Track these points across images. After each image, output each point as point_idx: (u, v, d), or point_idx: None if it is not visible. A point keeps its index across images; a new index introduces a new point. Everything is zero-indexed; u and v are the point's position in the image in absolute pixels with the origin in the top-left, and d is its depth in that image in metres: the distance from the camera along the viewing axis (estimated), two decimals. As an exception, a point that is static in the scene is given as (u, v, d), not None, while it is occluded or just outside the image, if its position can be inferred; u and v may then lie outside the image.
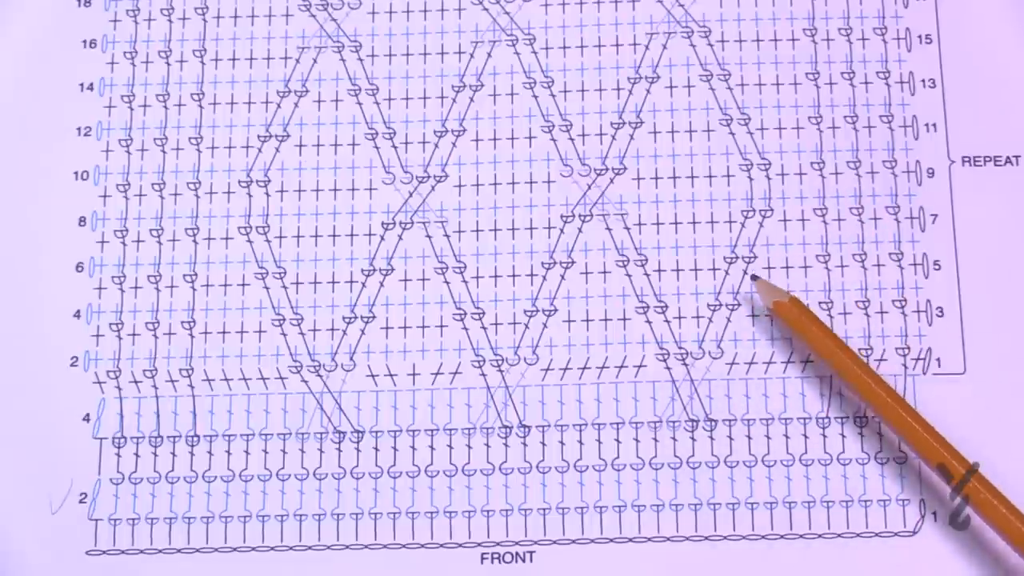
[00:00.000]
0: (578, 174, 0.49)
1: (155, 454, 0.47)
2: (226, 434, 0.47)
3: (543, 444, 0.47)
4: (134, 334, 0.48)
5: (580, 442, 0.47)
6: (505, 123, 0.49)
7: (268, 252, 0.49)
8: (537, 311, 0.48)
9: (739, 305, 0.48)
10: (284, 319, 0.48)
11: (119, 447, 0.47)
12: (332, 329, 0.48)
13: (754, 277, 0.47)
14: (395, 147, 0.49)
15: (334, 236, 0.49)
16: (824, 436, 0.47)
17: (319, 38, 0.50)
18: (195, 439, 0.47)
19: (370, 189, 0.49)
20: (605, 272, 0.48)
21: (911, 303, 0.47)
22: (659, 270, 0.48)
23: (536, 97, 0.50)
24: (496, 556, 0.46)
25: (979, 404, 0.46)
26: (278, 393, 0.48)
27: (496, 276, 0.48)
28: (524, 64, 0.50)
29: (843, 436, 0.47)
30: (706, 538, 0.46)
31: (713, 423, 0.47)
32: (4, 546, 0.46)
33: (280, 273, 0.49)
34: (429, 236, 0.49)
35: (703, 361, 0.47)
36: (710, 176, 0.49)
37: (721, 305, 0.48)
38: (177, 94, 0.50)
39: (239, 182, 0.49)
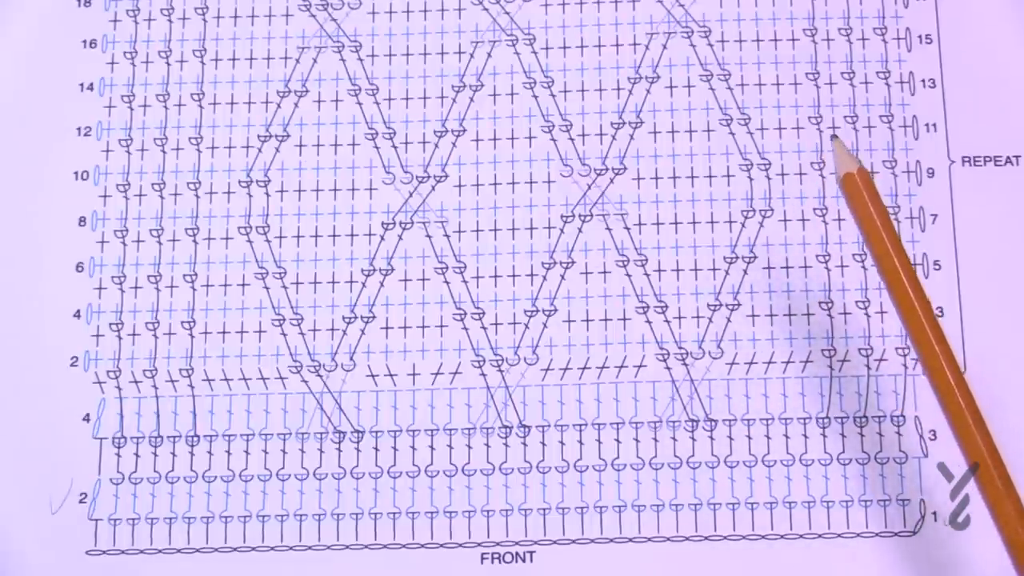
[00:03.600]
0: (578, 174, 0.49)
1: (155, 454, 0.47)
2: (226, 434, 0.47)
3: (543, 444, 0.47)
4: (134, 334, 0.48)
5: (580, 442, 0.47)
6: (505, 123, 0.49)
7: (268, 252, 0.49)
8: (537, 311, 0.48)
9: (739, 305, 0.48)
10: (284, 319, 0.48)
11: (119, 447, 0.47)
12: (332, 329, 0.48)
13: (833, 137, 0.46)
14: (395, 147, 0.49)
15: (334, 236, 0.49)
16: (824, 436, 0.47)
17: (319, 38, 0.50)
18: (195, 439, 0.47)
19: (370, 189, 0.49)
20: (605, 272, 0.48)
21: (911, 303, 0.47)
22: (659, 270, 0.48)
23: (536, 97, 0.50)
24: (496, 556, 0.46)
25: (979, 404, 0.46)
26: (278, 393, 0.48)
27: (496, 276, 0.48)
28: (524, 64, 0.50)
29: (843, 436, 0.47)
30: (706, 538, 0.46)
31: (713, 423, 0.47)
32: (4, 546, 0.46)
33: (280, 273, 0.49)
34: (429, 236, 0.49)
35: (703, 361, 0.47)
36: (710, 176, 0.49)
37: (721, 305, 0.48)
38: (177, 94, 0.50)
39: (239, 182, 0.49)
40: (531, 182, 0.49)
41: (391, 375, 0.48)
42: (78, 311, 0.48)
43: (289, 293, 0.48)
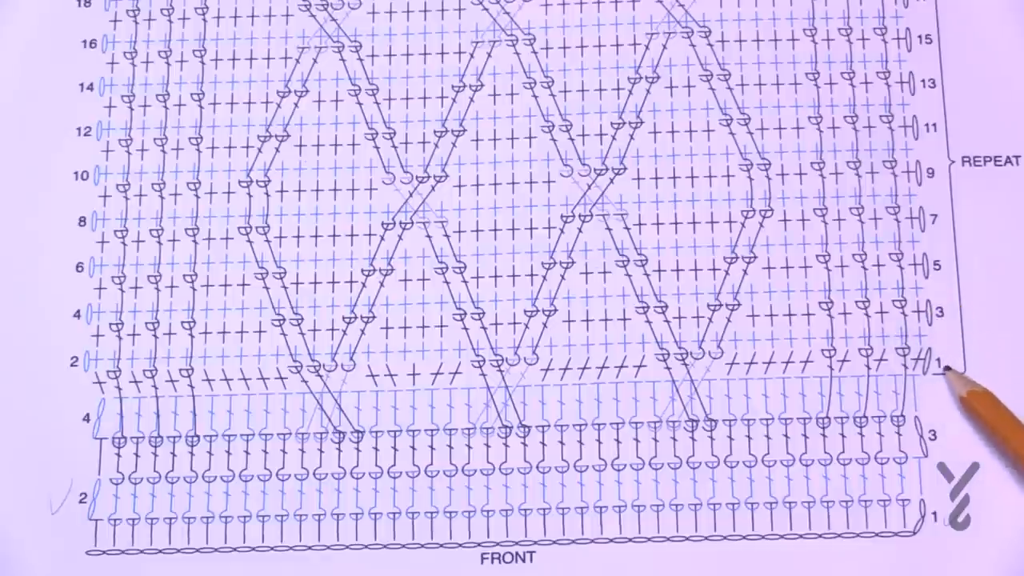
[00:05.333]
0: (578, 174, 0.49)
1: (155, 454, 0.47)
2: (226, 434, 0.47)
3: (543, 444, 0.47)
4: (134, 334, 0.48)
5: (580, 442, 0.47)
6: (505, 123, 0.49)
7: (268, 252, 0.49)
8: (537, 311, 0.48)
9: (739, 305, 0.48)
10: (284, 319, 0.48)
11: (119, 447, 0.47)
12: (332, 329, 0.48)
13: (947, 368, 0.47)
14: (395, 147, 0.49)
15: (334, 236, 0.49)
16: (824, 436, 0.47)
17: (319, 38, 0.50)
18: (195, 439, 0.47)
19: (370, 189, 0.49)
20: (605, 272, 0.48)
21: (911, 303, 0.47)
22: (659, 270, 0.48)
23: (536, 97, 0.50)
24: (496, 556, 0.46)
25: (979, 404, 0.46)
26: (278, 393, 0.48)
27: (496, 276, 0.48)
28: (524, 64, 0.50)
29: (843, 436, 0.47)
30: (706, 538, 0.46)
31: (713, 423, 0.47)
32: (4, 546, 0.46)
33: (280, 273, 0.49)
34: (429, 236, 0.49)
35: (703, 361, 0.47)
36: (710, 176, 0.49)
37: (721, 305, 0.48)
38: (177, 94, 0.50)
39: (239, 182, 0.49)
40: (531, 182, 0.49)
41: (391, 375, 0.48)
42: (78, 311, 0.48)
43: (289, 293, 0.48)
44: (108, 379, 0.48)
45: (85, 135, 0.50)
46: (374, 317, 0.48)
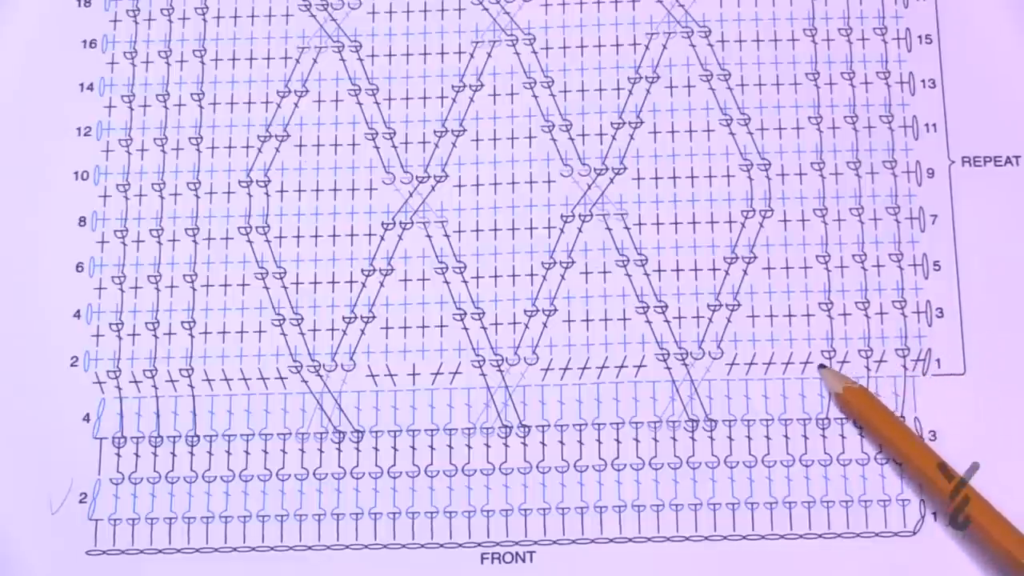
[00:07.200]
0: (578, 174, 0.49)
1: (155, 454, 0.47)
2: (226, 434, 0.47)
3: (543, 444, 0.47)
4: (134, 334, 0.48)
5: (580, 442, 0.47)
6: (505, 123, 0.49)
7: (268, 252, 0.49)
8: (537, 311, 0.48)
9: (739, 305, 0.48)
10: (284, 319, 0.48)
11: (119, 447, 0.47)
12: (332, 329, 0.48)
13: (821, 367, 0.47)
14: (395, 147, 0.49)
15: (334, 236, 0.49)
16: (824, 436, 0.47)
17: (319, 38, 0.50)
18: (195, 439, 0.47)
19: (370, 189, 0.49)
20: (605, 272, 0.48)
21: (911, 304, 0.47)
22: (659, 270, 0.48)
23: (536, 97, 0.50)
24: (496, 556, 0.46)
25: (979, 404, 0.46)
26: (278, 393, 0.48)
27: (496, 276, 0.48)
28: (524, 64, 0.50)
29: (843, 436, 0.47)
30: (706, 538, 0.46)
31: (713, 423, 0.47)
32: (4, 546, 0.46)
33: (280, 273, 0.49)
34: (429, 236, 0.49)
35: (703, 361, 0.47)
36: (710, 176, 0.49)
37: (721, 305, 0.48)
38: (177, 94, 0.50)
39: (239, 182, 0.49)
40: (531, 182, 0.49)
41: (391, 375, 0.48)
42: (78, 311, 0.48)
43: (289, 293, 0.48)
44: (108, 379, 0.48)
45: (85, 135, 0.50)
46: (374, 317, 0.48)
